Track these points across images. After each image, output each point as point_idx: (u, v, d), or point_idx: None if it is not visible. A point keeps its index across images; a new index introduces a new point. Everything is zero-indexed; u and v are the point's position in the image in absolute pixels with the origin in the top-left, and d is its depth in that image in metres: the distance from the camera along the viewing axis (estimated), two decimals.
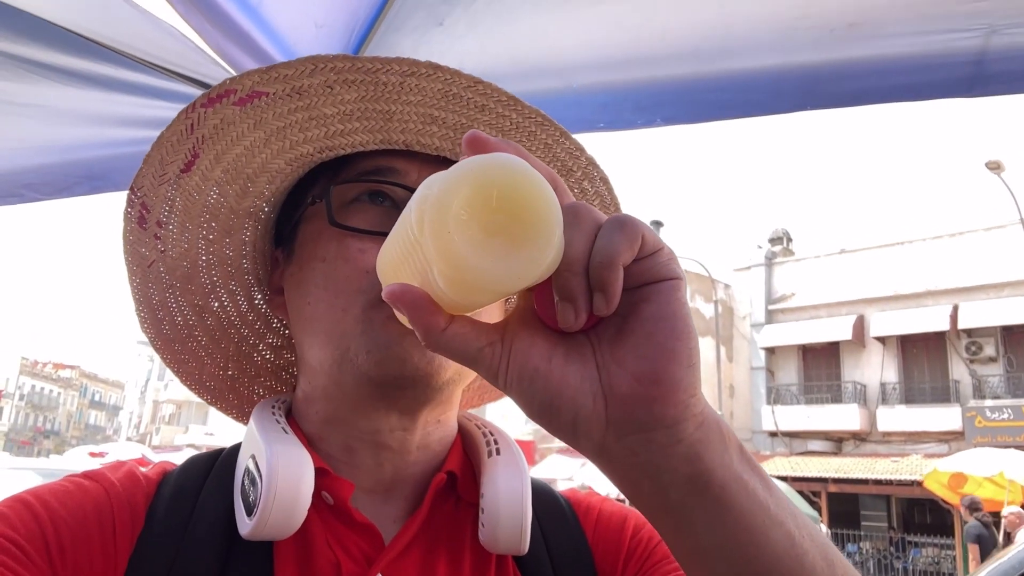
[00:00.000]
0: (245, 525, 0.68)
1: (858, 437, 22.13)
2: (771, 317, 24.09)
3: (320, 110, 0.75)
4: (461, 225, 0.44)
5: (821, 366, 23.34)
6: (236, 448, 0.79)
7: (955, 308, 20.36)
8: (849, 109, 1.39)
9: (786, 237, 26.26)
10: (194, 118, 0.74)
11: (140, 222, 0.80)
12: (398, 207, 0.75)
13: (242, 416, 0.97)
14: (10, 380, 77.84)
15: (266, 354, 0.96)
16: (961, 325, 20.16)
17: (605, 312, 0.47)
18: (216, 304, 0.89)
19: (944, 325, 20.31)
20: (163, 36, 1.33)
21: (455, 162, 0.77)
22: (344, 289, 0.72)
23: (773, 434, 23.14)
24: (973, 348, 20.36)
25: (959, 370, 20.78)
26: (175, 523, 0.70)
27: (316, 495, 0.71)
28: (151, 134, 1.63)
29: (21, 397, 79.86)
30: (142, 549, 0.68)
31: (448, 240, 0.43)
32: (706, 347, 22.92)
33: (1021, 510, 9.86)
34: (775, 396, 23.46)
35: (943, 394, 20.88)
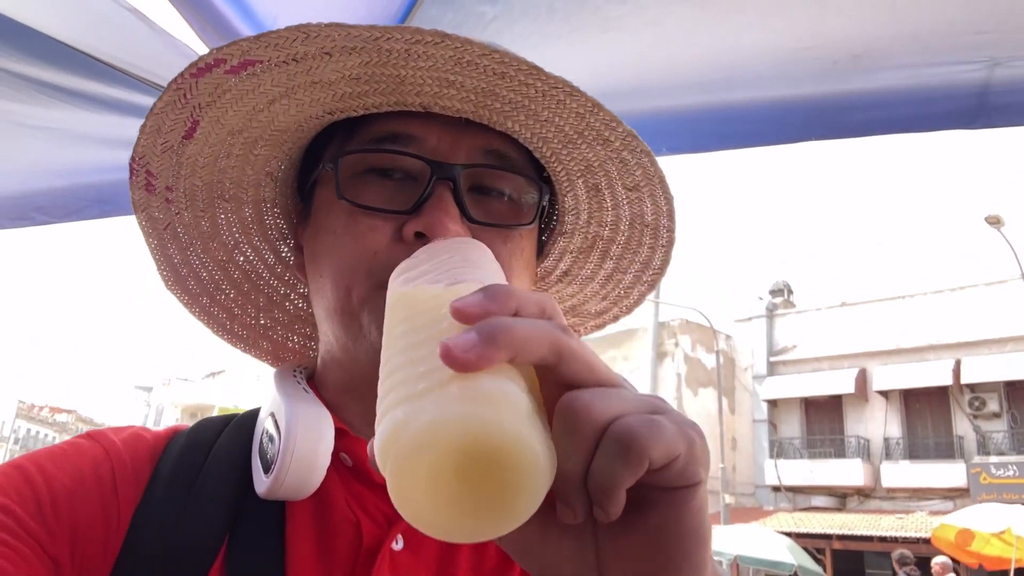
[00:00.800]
0: (262, 483, 0.66)
1: (862, 493, 21.79)
2: (773, 369, 23.95)
3: (322, 75, 0.69)
4: (426, 490, 0.39)
5: (824, 419, 23.11)
6: (254, 412, 0.77)
7: (958, 363, 20.24)
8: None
9: (787, 289, 26.27)
10: (185, 88, 0.69)
11: (148, 188, 0.78)
12: (415, 178, 0.71)
13: (277, 362, 0.95)
14: (6, 423, 77.17)
15: (299, 303, 0.93)
16: (964, 380, 20.02)
17: (606, 521, 0.43)
18: (241, 258, 0.86)
19: (947, 380, 20.17)
20: (180, 59, 1.36)
21: (480, 125, 0.72)
22: (351, 267, 0.70)
23: (776, 489, 22.81)
24: (976, 403, 20.18)
25: (963, 425, 20.57)
26: (184, 478, 0.68)
27: (335, 456, 0.69)
28: None
29: (16, 441, 79.04)
30: (147, 503, 0.66)
31: (412, 503, 0.39)
32: (708, 398, 22.75)
33: (947, 560, 10.06)
34: (778, 449, 23.19)
35: (947, 450, 20.63)
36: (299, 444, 0.65)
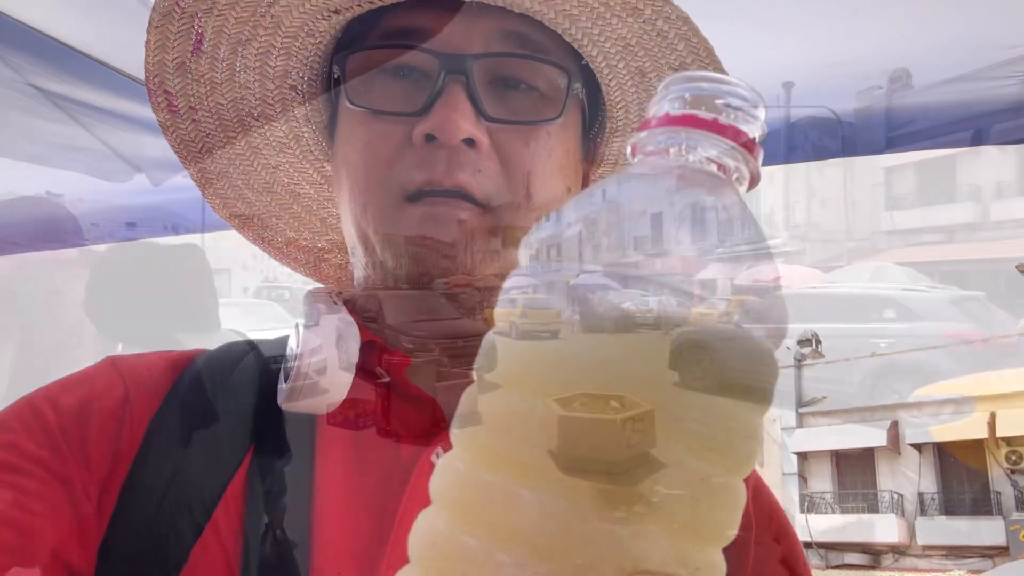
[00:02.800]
0: (282, 392, 0.63)
1: (897, 550, 21.14)
2: (802, 421, 23.54)
3: None
4: None
5: (856, 473, 22.57)
6: (287, 336, 0.74)
7: (992, 415, 19.79)
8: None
9: (815, 339, 25.97)
10: None
11: (170, 110, 0.74)
12: (428, 76, 0.64)
13: (339, 285, 0.92)
14: None
15: None
16: (999, 433, 19.52)
17: None
18: (286, 179, 0.82)
19: (982, 433, 19.70)
20: None
21: (499, 9, 0.63)
22: (364, 180, 0.65)
23: (808, 545, 22.17)
24: (1013, 458, 19.62)
25: (1000, 480, 20.01)
26: (206, 388, 0.66)
27: (370, 371, 0.66)
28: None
29: None
30: (164, 412, 0.64)
31: None
32: None
33: None
34: (809, 504, 22.66)
35: (984, 506, 20.04)
36: (318, 349, 0.62)
